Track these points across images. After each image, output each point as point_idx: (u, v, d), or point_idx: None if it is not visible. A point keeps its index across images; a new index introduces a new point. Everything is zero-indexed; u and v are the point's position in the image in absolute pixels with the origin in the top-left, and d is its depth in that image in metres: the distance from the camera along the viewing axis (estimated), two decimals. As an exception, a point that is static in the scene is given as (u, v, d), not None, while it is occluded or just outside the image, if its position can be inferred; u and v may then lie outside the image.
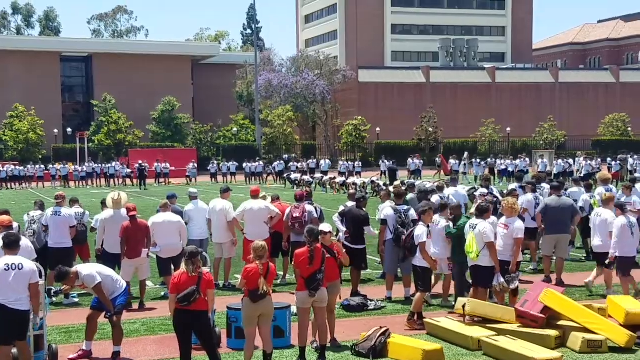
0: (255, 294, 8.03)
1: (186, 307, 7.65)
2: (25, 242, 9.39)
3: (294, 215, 12.96)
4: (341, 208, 13.41)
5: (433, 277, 11.37)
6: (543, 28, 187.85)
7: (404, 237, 11.02)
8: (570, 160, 44.78)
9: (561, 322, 9.36)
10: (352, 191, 14.65)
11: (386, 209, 12.33)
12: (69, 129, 70.85)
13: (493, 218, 11.15)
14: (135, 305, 11.52)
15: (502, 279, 10.34)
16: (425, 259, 10.34)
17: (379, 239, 12.44)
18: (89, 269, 8.95)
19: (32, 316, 8.15)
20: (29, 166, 52.80)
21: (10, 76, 72.52)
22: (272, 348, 8.32)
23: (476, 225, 10.46)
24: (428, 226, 10.63)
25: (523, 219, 13.08)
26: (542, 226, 13.53)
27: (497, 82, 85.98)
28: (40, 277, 8.95)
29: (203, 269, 7.90)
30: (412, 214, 11.90)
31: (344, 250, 9.98)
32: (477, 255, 10.34)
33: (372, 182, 35.11)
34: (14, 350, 8.23)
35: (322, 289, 8.65)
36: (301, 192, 14.24)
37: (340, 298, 9.84)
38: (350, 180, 37.97)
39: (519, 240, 10.64)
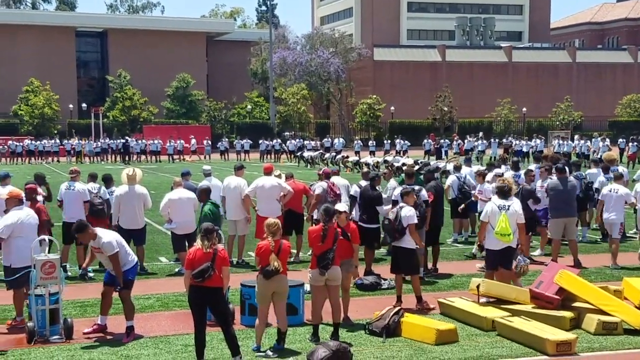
0: (267, 271, 8.05)
1: (201, 283, 7.65)
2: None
3: (337, 192, 13.07)
4: (354, 187, 13.34)
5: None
6: (561, 7, 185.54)
7: (392, 219, 10.31)
8: (582, 142, 44.40)
9: (576, 304, 9.30)
10: (365, 170, 14.60)
11: (397, 190, 12.26)
12: (83, 105, 71.11)
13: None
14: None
15: (528, 260, 10.22)
16: (415, 239, 10.12)
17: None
18: (110, 237, 8.95)
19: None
20: (45, 141, 53.23)
21: (25, 51, 72.75)
22: (286, 326, 8.34)
23: (508, 205, 10.13)
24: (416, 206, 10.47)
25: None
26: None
27: (513, 61, 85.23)
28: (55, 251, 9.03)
29: (218, 245, 7.89)
30: (424, 194, 11.80)
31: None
32: (512, 237, 10.06)
33: (385, 161, 35.02)
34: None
35: (334, 268, 8.61)
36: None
37: (354, 277, 9.79)
38: (363, 159, 37.92)
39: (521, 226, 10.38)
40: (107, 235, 8.97)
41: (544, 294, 9.31)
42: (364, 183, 12.91)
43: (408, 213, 10.09)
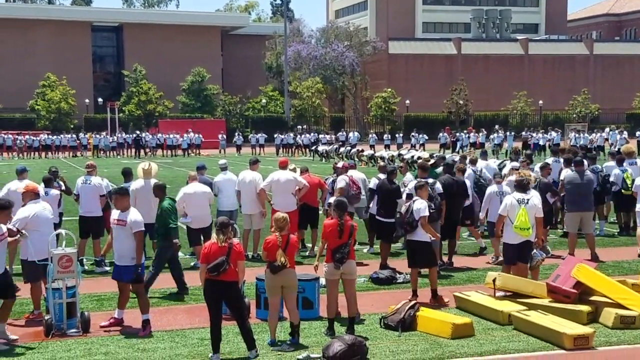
0: (273, 266, 8.09)
1: (216, 277, 7.68)
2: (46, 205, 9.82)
3: (358, 185, 13.32)
4: (373, 180, 13.29)
5: None
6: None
7: (403, 212, 10.34)
8: (593, 135, 43.98)
9: (594, 298, 9.23)
10: (382, 163, 14.56)
11: (413, 184, 12.18)
12: (99, 99, 71.43)
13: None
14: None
15: (544, 254, 10.17)
16: (428, 232, 10.10)
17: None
18: (139, 216, 9.07)
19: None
20: (61, 135, 53.65)
21: (41, 45, 73.15)
22: (298, 319, 8.34)
23: (528, 199, 10.12)
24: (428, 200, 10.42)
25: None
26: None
27: (530, 53, 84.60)
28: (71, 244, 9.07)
29: (233, 239, 7.90)
30: (438, 187, 11.73)
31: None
32: (531, 231, 10.03)
33: (400, 154, 34.92)
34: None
35: (350, 262, 8.62)
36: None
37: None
38: (378, 153, 37.87)
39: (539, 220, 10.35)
40: (136, 215, 9.06)
41: (561, 287, 9.25)
42: (382, 176, 12.86)
43: (420, 206, 10.07)
